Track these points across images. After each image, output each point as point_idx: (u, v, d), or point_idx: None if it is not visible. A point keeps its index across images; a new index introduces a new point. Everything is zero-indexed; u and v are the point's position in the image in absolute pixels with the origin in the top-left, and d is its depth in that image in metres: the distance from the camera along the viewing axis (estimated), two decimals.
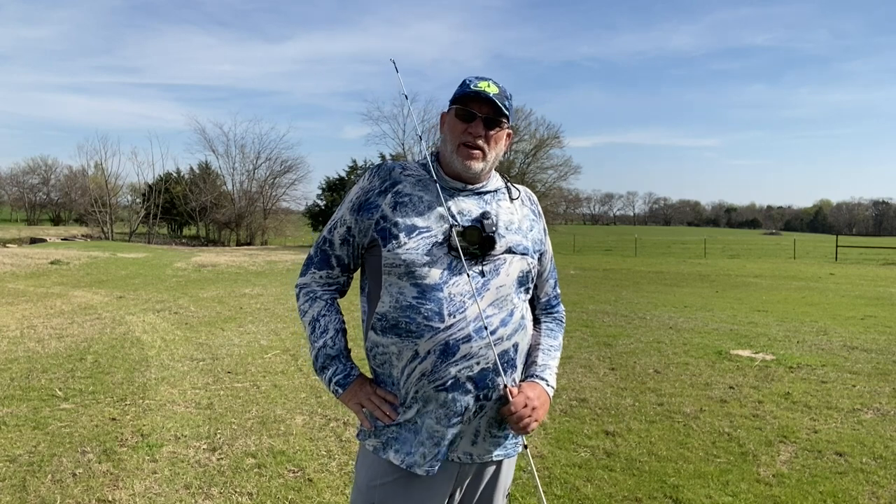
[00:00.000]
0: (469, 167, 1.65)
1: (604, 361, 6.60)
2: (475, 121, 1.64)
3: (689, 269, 22.30)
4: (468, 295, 1.59)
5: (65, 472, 3.63)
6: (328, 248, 1.75)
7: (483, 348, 1.60)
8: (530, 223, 1.77)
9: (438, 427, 1.61)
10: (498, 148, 1.71)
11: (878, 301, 12.49)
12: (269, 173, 51.04)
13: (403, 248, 1.60)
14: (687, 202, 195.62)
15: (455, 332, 1.58)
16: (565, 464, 3.86)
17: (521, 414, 1.61)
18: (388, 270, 1.62)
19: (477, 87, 1.64)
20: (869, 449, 4.13)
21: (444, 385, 1.59)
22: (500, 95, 1.65)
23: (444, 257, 1.60)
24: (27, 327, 8.12)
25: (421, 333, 1.58)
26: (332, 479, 3.60)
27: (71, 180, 63.35)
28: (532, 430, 1.65)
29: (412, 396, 1.62)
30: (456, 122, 1.67)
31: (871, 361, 6.67)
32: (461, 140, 1.65)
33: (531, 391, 1.67)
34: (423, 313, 1.58)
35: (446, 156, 1.69)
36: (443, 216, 1.64)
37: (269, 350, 6.92)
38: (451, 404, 1.60)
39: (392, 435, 1.64)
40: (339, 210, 1.74)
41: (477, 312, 1.59)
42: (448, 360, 1.58)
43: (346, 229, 1.71)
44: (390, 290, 1.62)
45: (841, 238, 41.71)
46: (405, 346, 1.60)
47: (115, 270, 17.19)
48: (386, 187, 1.68)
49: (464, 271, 1.60)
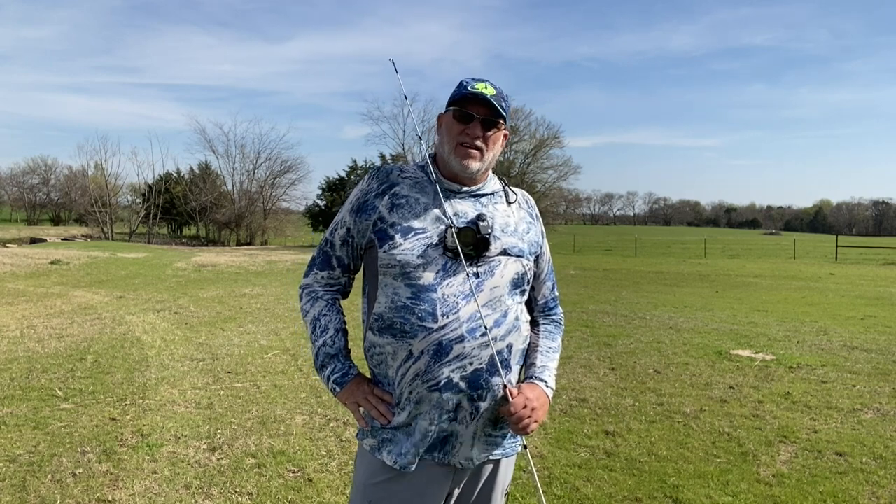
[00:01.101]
0: (467, 166, 1.66)
1: (604, 361, 6.60)
2: (473, 122, 1.65)
3: (689, 269, 22.30)
4: (462, 296, 1.60)
5: (65, 472, 3.63)
6: (329, 250, 1.77)
7: (476, 348, 1.60)
8: (527, 226, 1.78)
9: (432, 427, 1.62)
10: (495, 149, 1.72)
11: (878, 301, 12.50)
12: (269, 173, 51.15)
13: (399, 249, 1.61)
14: (687, 202, 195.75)
15: (448, 332, 1.58)
16: (565, 464, 3.86)
17: (520, 415, 1.61)
18: (384, 271, 1.63)
19: (474, 89, 1.65)
20: (869, 449, 4.14)
21: (437, 385, 1.59)
22: (497, 97, 1.66)
23: (438, 258, 1.61)
24: (27, 327, 8.13)
25: (415, 334, 1.58)
26: (332, 479, 3.60)
27: (71, 180, 63.40)
28: (532, 431, 1.65)
29: (406, 397, 1.63)
30: (454, 123, 1.67)
31: (871, 361, 6.68)
32: (459, 140, 1.66)
33: (531, 392, 1.67)
34: (417, 314, 1.58)
35: (443, 156, 1.70)
36: (439, 218, 1.65)
37: (269, 350, 6.93)
38: (445, 404, 1.61)
39: (387, 436, 1.66)
40: (341, 212, 1.77)
41: (470, 313, 1.59)
42: (441, 360, 1.58)
43: (345, 230, 1.73)
44: (386, 290, 1.63)
45: (841, 238, 41.75)
46: (400, 346, 1.61)
47: (115, 270, 17.20)
48: (384, 189, 1.69)
49: (459, 272, 1.61)
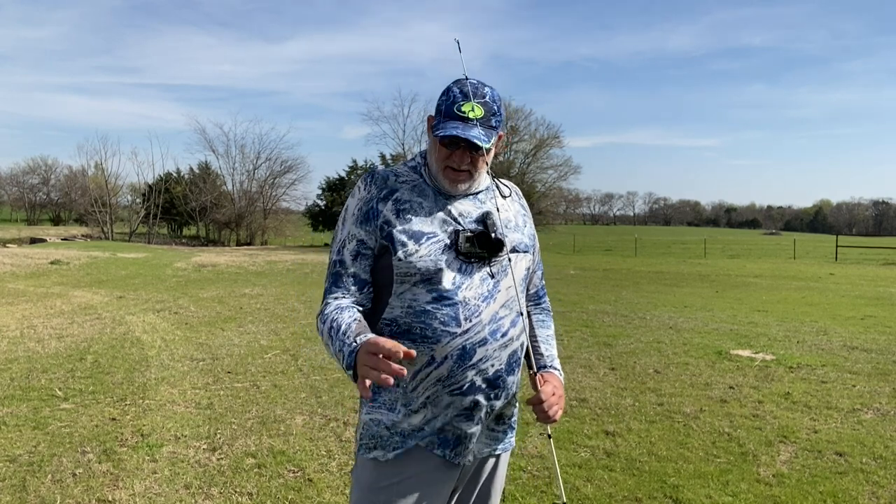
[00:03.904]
0: (456, 188, 1.65)
1: (604, 361, 6.60)
2: (458, 150, 1.60)
3: (689, 269, 22.29)
4: (481, 298, 1.60)
5: (65, 472, 3.63)
6: (341, 269, 1.64)
7: (497, 350, 1.61)
8: (523, 219, 1.79)
9: (447, 428, 1.63)
10: (486, 160, 1.68)
11: (878, 301, 12.49)
12: (269, 173, 51.03)
13: (416, 256, 1.57)
14: (687, 202, 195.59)
15: (472, 335, 1.58)
16: (565, 464, 3.86)
17: (551, 402, 1.64)
18: (402, 279, 1.58)
19: (461, 112, 1.57)
20: (869, 449, 4.13)
21: (460, 389, 1.60)
22: (486, 116, 1.59)
23: (454, 261, 1.60)
24: (27, 327, 8.13)
25: (438, 339, 1.56)
26: (332, 479, 3.60)
27: (71, 180, 63.35)
28: (559, 419, 1.67)
29: (421, 402, 1.61)
30: (439, 146, 1.62)
31: (871, 361, 6.68)
32: (446, 164, 1.63)
33: (554, 381, 1.71)
34: (440, 318, 1.56)
35: (433, 169, 1.67)
36: (445, 220, 1.63)
37: (269, 350, 6.92)
38: (464, 407, 1.61)
39: (398, 444, 1.64)
40: (342, 230, 1.66)
41: (491, 315, 1.60)
42: (465, 363, 1.58)
43: (356, 243, 1.62)
44: (402, 297, 1.59)
45: (841, 238, 41.70)
46: (419, 350, 1.57)
47: (115, 270, 17.19)
48: (385, 195, 1.64)
49: (474, 274, 1.60)
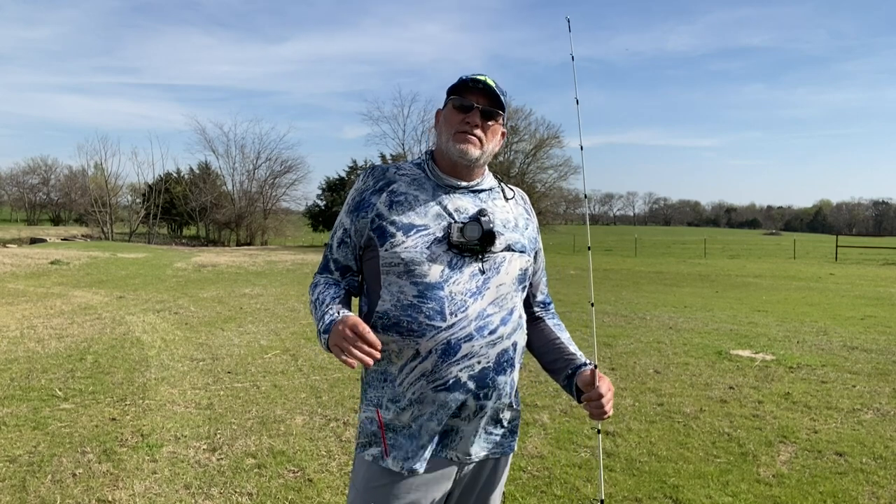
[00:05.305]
0: (465, 152, 1.65)
1: (604, 361, 6.60)
2: (472, 111, 1.66)
3: (689, 269, 22.30)
4: (469, 293, 1.60)
5: (65, 472, 3.63)
6: (328, 253, 1.76)
7: (484, 347, 1.60)
8: (525, 222, 1.78)
9: (437, 427, 1.62)
10: (493, 142, 1.72)
11: (878, 301, 12.50)
12: (269, 173, 51.02)
13: (402, 247, 1.59)
14: (687, 202, 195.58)
15: (457, 331, 1.57)
16: (565, 464, 3.86)
17: (608, 397, 1.64)
18: (387, 270, 1.62)
19: (475, 78, 1.67)
20: (869, 449, 4.14)
21: (444, 385, 1.59)
22: (496, 93, 1.67)
23: (443, 255, 1.60)
24: (27, 327, 8.13)
25: (423, 332, 1.57)
26: (332, 479, 3.60)
27: (71, 180, 63.39)
28: (610, 415, 1.67)
29: (408, 398, 1.61)
30: (453, 112, 1.68)
31: (871, 361, 6.68)
32: (458, 128, 1.66)
33: (606, 378, 1.71)
34: (425, 312, 1.57)
35: (442, 147, 1.69)
36: (440, 214, 1.64)
37: (269, 350, 6.92)
38: (451, 404, 1.60)
39: (390, 443, 1.64)
40: (340, 215, 1.77)
41: (478, 311, 1.59)
42: (449, 359, 1.58)
43: (342, 231, 1.71)
44: (390, 289, 1.61)
45: (841, 238, 41.75)
46: (406, 344, 1.59)
47: (115, 270, 17.19)
48: (381, 186, 1.68)
49: (464, 269, 1.60)
